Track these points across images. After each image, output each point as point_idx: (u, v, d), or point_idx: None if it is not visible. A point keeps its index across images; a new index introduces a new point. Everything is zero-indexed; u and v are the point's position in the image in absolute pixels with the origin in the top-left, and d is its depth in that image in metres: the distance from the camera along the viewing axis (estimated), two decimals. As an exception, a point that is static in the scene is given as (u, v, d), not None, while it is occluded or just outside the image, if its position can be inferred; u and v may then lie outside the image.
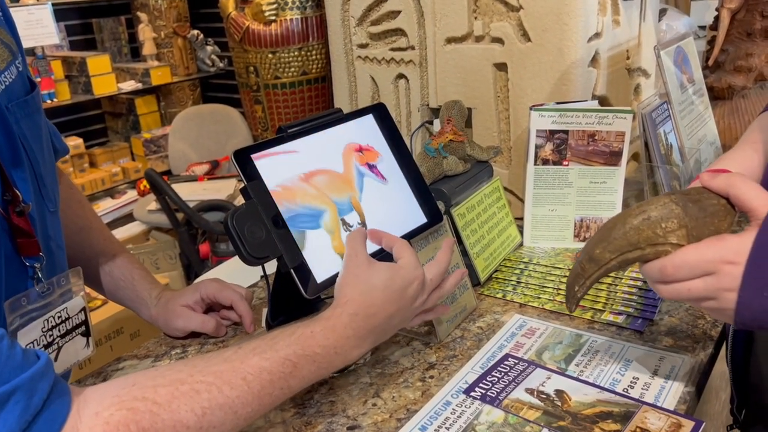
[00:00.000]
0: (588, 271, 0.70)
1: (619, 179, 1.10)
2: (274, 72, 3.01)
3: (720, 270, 0.62)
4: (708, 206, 0.65)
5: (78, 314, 0.75)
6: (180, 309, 0.93)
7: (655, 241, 0.65)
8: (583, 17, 1.12)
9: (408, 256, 0.74)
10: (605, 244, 0.68)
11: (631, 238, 0.66)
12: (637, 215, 0.66)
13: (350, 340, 0.69)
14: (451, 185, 1.06)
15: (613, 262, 0.68)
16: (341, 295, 0.71)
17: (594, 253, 0.69)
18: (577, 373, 0.81)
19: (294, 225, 0.75)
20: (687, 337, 0.88)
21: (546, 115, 1.08)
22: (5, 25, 0.70)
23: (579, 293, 0.72)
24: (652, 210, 0.66)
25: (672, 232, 0.65)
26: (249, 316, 0.94)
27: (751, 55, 1.49)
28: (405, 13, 1.30)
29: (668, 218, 0.65)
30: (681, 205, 0.65)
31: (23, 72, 0.72)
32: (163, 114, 3.84)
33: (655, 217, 0.65)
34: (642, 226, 0.66)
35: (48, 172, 0.75)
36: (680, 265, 0.64)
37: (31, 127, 0.71)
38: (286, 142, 0.80)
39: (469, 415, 0.75)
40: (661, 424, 0.71)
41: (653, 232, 0.65)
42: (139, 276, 0.96)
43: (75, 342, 0.75)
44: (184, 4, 3.75)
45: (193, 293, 0.94)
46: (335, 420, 0.76)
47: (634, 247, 0.66)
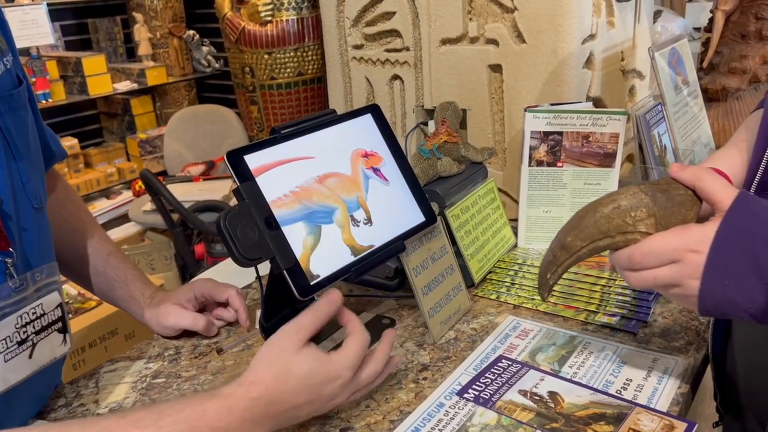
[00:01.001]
0: (560, 259, 0.72)
1: (613, 181, 1.10)
2: (270, 72, 3.01)
3: (684, 258, 0.64)
4: (675, 196, 0.67)
5: (54, 310, 0.74)
6: (171, 307, 0.92)
7: (625, 230, 0.67)
8: (578, 18, 1.13)
9: (349, 351, 0.69)
10: (576, 232, 0.70)
11: (602, 226, 0.68)
12: (608, 204, 0.68)
13: (246, 423, 0.62)
14: (445, 186, 1.06)
15: (584, 249, 0.70)
16: (251, 372, 0.65)
17: (566, 241, 0.70)
18: (571, 374, 0.81)
19: (311, 220, 0.80)
20: (680, 338, 0.88)
21: (540, 116, 1.08)
22: None
23: (551, 280, 0.74)
24: (622, 199, 0.67)
25: (641, 221, 0.66)
26: (245, 311, 0.94)
27: (746, 57, 1.50)
28: (400, 14, 1.30)
29: (637, 207, 0.66)
30: (650, 195, 0.67)
31: (12, 69, 0.72)
32: (159, 114, 3.83)
33: (625, 206, 0.67)
34: (612, 214, 0.67)
35: (34, 169, 0.74)
36: (647, 252, 0.65)
37: (15, 122, 0.71)
38: (281, 143, 0.80)
39: (462, 416, 0.75)
40: (654, 426, 0.71)
41: (623, 221, 0.67)
42: (133, 276, 0.96)
43: (51, 339, 0.74)
44: (179, 5, 3.74)
45: (187, 291, 0.95)
46: (328, 422, 0.76)
47: (605, 235, 0.68)
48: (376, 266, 0.86)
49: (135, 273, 0.96)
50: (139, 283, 0.95)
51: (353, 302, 1.04)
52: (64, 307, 0.77)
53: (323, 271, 0.79)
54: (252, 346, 0.92)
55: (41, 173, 0.78)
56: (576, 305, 0.96)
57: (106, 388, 0.85)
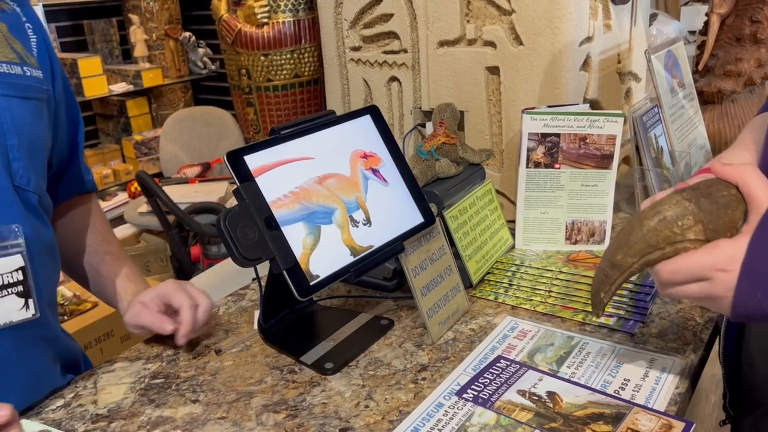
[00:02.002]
0: (611, 277, 0.71)
1: (610, 182, 1.11)
2: (267, 74, 3.01)
3: (714, 277, 0.64)
4: (719, 198, 0.66)
5: (13, 272, 0.75)
6: (135, 305, 0.91)
7: (674, 240, 0.66)
8: (575, 21, 1.13)
9: None
10: (626, 249, 0.69)
11: (651, 239, 0.67)
12: (653, 217, 0.67)
13: None
14: (443, 188, 1.06)
15: (636, 265, 0.69)
16: None
17: (615, 260, 0.70)
18: (569, 374, 0.82)
19: (311, 221, 0.80)
20: (678, 339, 0.88)
21: (538, 118, 1.09)
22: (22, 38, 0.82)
23: (605, 299, 0.73)
24: (666, 210, 0.66)
25: (689, 229, 0.65)
26: (186, 327, 0.87)
27: (741, 59, 1.51)
28: (398, 16, 1.30)
29: (683, 216, 0.66)
30: (694, 202, 0.66)
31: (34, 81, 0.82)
32: (155, 116, 3.82)
33: (671, 216, 0.66)
34: (659, 227, 0.66)
35: (25, 156, 0.78)
36: (676, 270, 0.66)
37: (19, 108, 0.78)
38: (280, 144, 0.80)
39: (461, 416, 0.75)
40: (652, 426, 0.71)
41: (671, 232, 0.66)
42: (123, 274, 0.96)
43: (7, 300, 0.75)
44: (176, 6, 3.74)
45: (152, 290, 0.92)
46: (327, 422, 0.76)
47: (654, 248, 0.67)
48: (375, 267, 0.86)
49: (127, 271, 0.96)
50: (125, 281, 0.95)
51: (352, 303, 1.04)
52: (29, 273, 0.76)
53: (323, 271, 0.79)
54: (251, 347, 0.92)
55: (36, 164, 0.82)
56: (574, 306, 0.96)
57: (104, 389, 0.85)
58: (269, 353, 0.91)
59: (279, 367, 0.87)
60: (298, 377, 0.85)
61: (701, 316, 0.93)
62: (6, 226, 0.76)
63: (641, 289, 0.95)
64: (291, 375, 0.85)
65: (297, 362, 0.88)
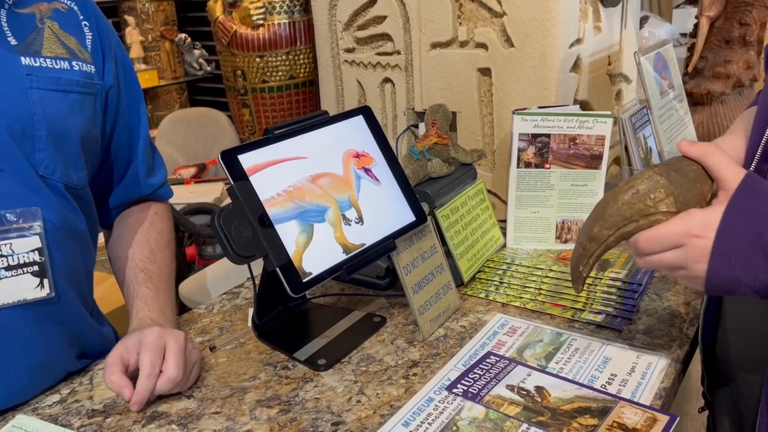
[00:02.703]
0: (589, 250, 0.73)
1: (599, 182, 1.12)
2: (262, 76, 3.02)
3: (688, 243, 0.66)
4: (689, 172, 0.69)
5: (29, 253, 0.78)
6: (115, 349, 0.82)
7: (647, 212, 0.69)
8: (565, 23, 1.15)
9: None
10: (602, 222, 0.71)
11: (625, 212, 0.70)
12: (627, 191, 0.70)
13: None
14: (435, 187, 1.08)
15: (612, 237, 0.71)
16: None
17: (592, 233, 0.72)
18: (557, 370, 0.83)
19: (304, 219, 0.82)
20: (664, 335, 0.90)
21: (528, 119, 1.11)
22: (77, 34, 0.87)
23: (584, 272, 0.76)
24: (639, 184, 0.69)
25: (661, 201, 0.68)
26: (140, 395, 0.77)
27: (730, 62, 1.53)
28: (391, 18, 1.32)
29: (655, 189, 0.68)
30: (665, 175, 0.69)
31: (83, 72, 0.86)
32: (150, 117, 3.83)
33: (644, 189, 0.69)
34: (633, 200, 0.69)
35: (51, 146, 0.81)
36: (651, 239, 0.68)
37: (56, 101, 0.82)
38: (274, 143, 0.82)
39: (451, 410, 0.76)
40: (637, 419, 0.73)
41: (644, 204, 0.69)
42: (143, 295, 0.92)
43: (21, 279, 0.78)
44: (171, 8, 3.75)
45: (134, 336, 0.82)
46: (320, 416, 0.77)
47: (629, 221, 0.70)
48: (367, 264, 0.88)
49: (146, 292, 0.92)
50: (140, 303, 0.91)
51: (345, 301, 1.05)
52: (46, 254, 0.79)
53: (315, 268, 0.80)
54: (245, 343, 0.94)
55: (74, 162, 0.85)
56: (563, 303, 0.98)
57: (100, 385, 0.86)
58: (263, 350, 0.92)
59: (272, 363, 0.89)
60: (291, 373, 0.86)
61: (687, 312, 0.95)
62: (27, 209, 0.79)
63: (629, 286, 0.96)
64: (284, 371, 0.87)
65: (290, 358, 0.89)
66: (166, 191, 1.06)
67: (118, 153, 0.98)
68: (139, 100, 1.00)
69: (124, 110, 0.96)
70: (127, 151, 0.99)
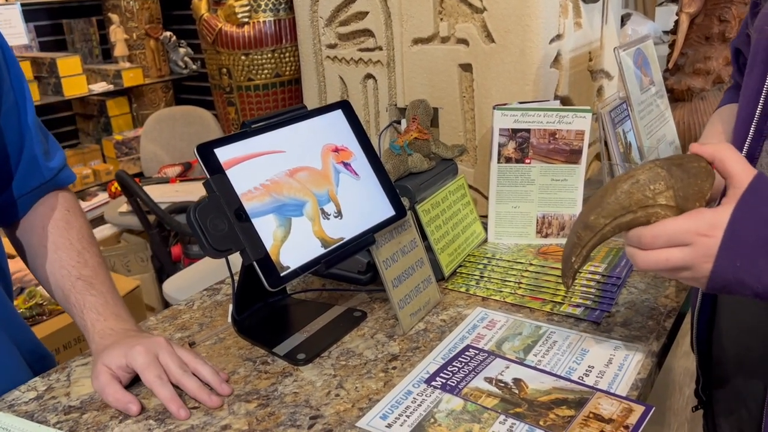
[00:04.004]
0: (584, 239, 0.72)
1: (579, 177, 1.13)
2: (247, 74, 3.01)
3: (696, 241, 0.65)
4: (690, 168, 0.69)
5: None
6: (99, 369, 0.80)
7: (645, 203, 0.68)
8: (545, 19, 1.16)
9: None
10: (599, 210, 0.70)
11: (623, 201, 0.69)
12: (627, 180, 0.69)
13: None
14: (416, 182, 1.08)
15: (608, 227, 0.70)
16: None
17: (589, 220, 0.71)
18: (535, 362, 0.84)
19: (281, 213, 0.81)
20: (642, 327, 0.90)
21: (508, 114, 1.11)
22: None
23: (576, 264, 0.74)
24: (639, 174, 0.69)
25: (660, 194, 0.68)
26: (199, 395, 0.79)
27: (710, 58, 1.54)
28: (372, 14, 1.32)
29: (655, 180, 0.68)
30: (666, 169, 0.68)
31: None
32: (135, 116, 3.81)
33: (644, 180, 0.68)
34: (632, 189, 0.68)
35: None
36: (658, 234, 0.67)
37: None
38: (251, 137, 0.82)
39: (429, 403, 0.77)
40: (613, 410, 0.73)
41: (643, 195, 0.68)
42: (90, 305, 0.87)
43: None
44: (156, 6, 3.73)
45: (119, 357, 0.80)
46: (298, 410, 0.77)
47: (627, 210, 0.69)
48: (346, 258, 0.88)
49: (94, 301, 0.87)
50: (93, 314, 0.86)
51: (326, 296, 1.05)
52: None
53: (293, 262, 0.80)
54: (224, 339, 0.93)
55: None
56: (542, 297, 0.98)
57: (78, 381, 0.85)
58: (242, 345, 0.92)
59: (252, 358, 0.88)
60: (270, 368, 0.86)
61: (665, 305, 0.96)
62: None
63: (608, 280, 0.97)
64: (263, 366, 0.87)
65: (270, 354, 0.89)
66: (69, 175, 0.98)
67: (8, 137, 0.88)
68: (23, 80, 0.90)
69: (8, 90, 0.86)
70: (18, 134, 0.89)
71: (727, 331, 0.86)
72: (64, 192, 0.99)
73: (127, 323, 0.87)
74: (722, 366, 0.88)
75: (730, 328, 0.86)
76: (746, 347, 0.83)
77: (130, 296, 2.42)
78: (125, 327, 0.85)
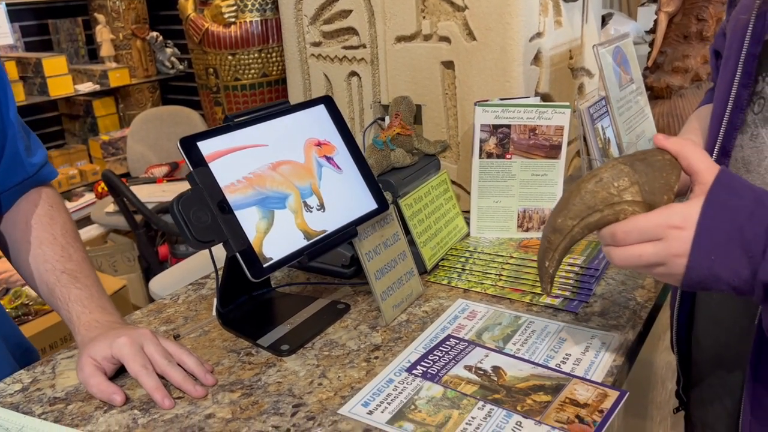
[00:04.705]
0: (554, 243, 0.72)
1: (559, 171, 1.15)
2: (234, 74, 3.02)
3: (668, 235, 0.64)
4: (654, 162, 0.68)
5: None
6: (85, 361, 0.80)
7: (612, 201, 0.68)
8: (525, 17, 1.18)
9: None
10: (565, 212, 0.70)
11: (589, 201, 0.69)
12: (590, 180, 0.69)
13: None
14: (398, 177, 1.09)
15: (577, 228, 0.70)
16: None
17: (556, 224, 0.71)
18: (514, 351, 0.85)
19: (264, 205, 0.82)
20: (618, 317, 0.93)
21: (489, 110, 1.13)
22: None
23: (550, 268, 0.73)
24: (603, 173, 0.69)
25: (625, 190, 0.67)
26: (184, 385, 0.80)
27: (688, 56, 1.57)
28: (356, 12, 1.33)
29: (619, 177, 0.68)
30: (629, 165, 0.68)
31: None
32: (122, 116, 3.80)
33: (607, 178, 0.68)
34: (596, 188, 0.68)
35: None
36: (630, 229, 0.66)
37: None
38: (234, 131, 0.83)
39: (410, 391, 0.78)
40: (588, 395, 0.75)
41: (608, 193, 0.68)
42: (75, 297, 0.88)
43: None
44: (142, 6, 3.72)
45: (104, 348, 0.80)
46: (281, 399, 0.78)
47: (593, 210, 0.69)
48: (328, 250, 0.89)
49: (79, 294, 0.88)
50: (78, 306, 0.87)
51: (310, 290, 1.06)
52: None
53: (276, 254, 0.82)
54: (209, 332, 0.95)
55: None
56: (522, 288, 1.00)
57: (63, 374, 0.86)
58: (227, 337, 0.93)
59: (236, 350, 0.90)
60: (254, 359, 0.87)
61: (642, 295, 0.98)
62: None
63: (586, 271, 0.99)
64: (248, 357, 0.88)
65: (254, 345, 0.90)
66: (51, 171, 0.99)
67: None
68: (3, 76, 0.91)
69: None
70: (0, 130, 0.90)
71: (704, 330, 0.88)
72: (47, 188, 1.00)
73: (113, 316, 0.87)
74: (701, 364, 0.90)
75: (708, 326, 0.88)
76: (724, 345, 0.85)
77: (116, 296, 2.41)
78: (110, 319, 0.86)
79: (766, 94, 0.74)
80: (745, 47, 0.74)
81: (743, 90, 0.74)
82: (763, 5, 0.72)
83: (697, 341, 0.90)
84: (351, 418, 0.74)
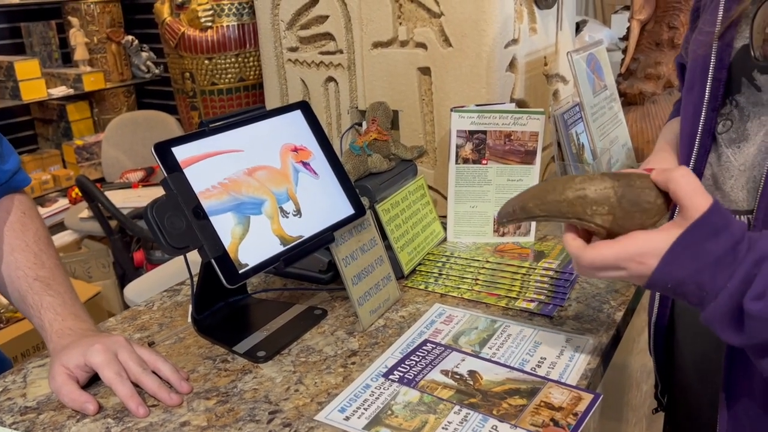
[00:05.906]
0: (516, 215, 0.74)
1: (534, 177, 1.16)
2: (211, 78, 3.00)
3: (628, 267, 0.66)
4: (644, 203, 0.68)
5: None
6: (57, 369, 0.79)
7: (582, 217, 0.69)
8: (500, 24, 1.19)
9: None
10: (538, 202, 0.71)
11: (563, 208, 0.69)
12: (575, 190, 0.69)
13: None
14: (375, 182, 1.10)
15: (540, 216, 0.72)
16: None
17: (527, 206, 0.72)
18: (490, 355, 0.86)
19: (240, 211, 0.82)
20: (592, 320, 0.94)
21: (465, 116, 1.14)
22: None
23: (505, 224, 0.76)
24: (590, 191, 0.68)
25: (599, 215, 0.68)
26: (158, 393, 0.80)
27: (660, 63, 1.60)
28: (333, 18, 1.34)
29: (602, 203, 0.68)
30: (617, 197, 0.67)
31: None
32: (97, 120, 3.76)
33: (591, 198, 0.68)
34: (576, 202, 0.69)
35: None
36: (593, 262, 0.68)
37: None
38: (209, 136, 0.83)
39: (387, 396, 0.78)
40: (563, 398, 0.76)
41: (583, 210, 0.68)
42: (48, 304, 0.87)
43: None
44: (117, 10, 3.69)
45: (78, 356, 0.79)
46: (257, 406, 0.78)
47: (563, 216, 0.70)
48: (305, 256, 0.89)
49: (52, 301, 0.87)
50: (50, 314, 0.86)
51: (287, 295, 1.06)
52: None
53: (252, 260, 0.81)
54: (184, 339, 0.94)
55: None
56: (498, 293, 1.01)
57: (34, 383, 0.84)
58: (202, 344, 0.92)
59: (212, 357, 0.89)
60: (230, 366, 0.87)
61: (616, 299, 0.99)
62: None
63: (561, 275, 1.00)
64: (223, 364, 0.87)
65: (230, 352, 0.89)
66: (24, 177, 0.99)
67: None
68: None
69: None
70: None
71: (684, 339, 0.90)
72: (20, 195, 0.99)
73: (86, 323, 0.86)
74: (682, 372, 0.92)
75: (687, 336, 0.89)
76: (702, 354, 0.87)
77: (90, 303, 2.38)
78: (84, 327, 0.85)
79: (733, 116, 0.75)
80: (710, 73, 0.75)
81: (712, 113, 0.76)
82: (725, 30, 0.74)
83: (679, 349, 0.91)
84: (328, 424, 0.74)
